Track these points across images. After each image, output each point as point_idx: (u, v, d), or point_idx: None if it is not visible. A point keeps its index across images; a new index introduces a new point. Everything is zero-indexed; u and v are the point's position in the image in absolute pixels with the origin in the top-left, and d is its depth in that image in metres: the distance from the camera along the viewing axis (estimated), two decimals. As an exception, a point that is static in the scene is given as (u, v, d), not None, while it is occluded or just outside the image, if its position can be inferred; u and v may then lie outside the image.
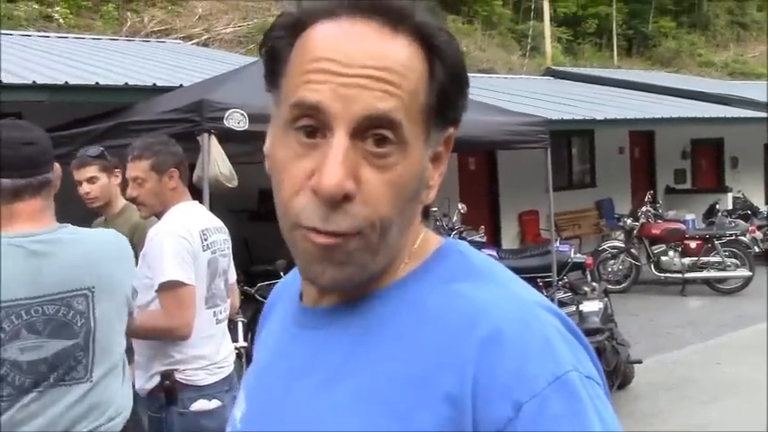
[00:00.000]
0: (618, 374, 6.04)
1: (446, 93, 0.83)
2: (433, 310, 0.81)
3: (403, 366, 0.79)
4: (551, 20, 20.90)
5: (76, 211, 3.83)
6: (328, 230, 0.78)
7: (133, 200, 3.02)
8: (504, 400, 0.74)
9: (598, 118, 11.27)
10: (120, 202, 3.87)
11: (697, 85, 16.74)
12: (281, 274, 6.16)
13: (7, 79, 6.47)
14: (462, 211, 9.41)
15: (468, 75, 0.86)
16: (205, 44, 15.95)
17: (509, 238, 12.28)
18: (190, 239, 2.85)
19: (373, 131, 0.78)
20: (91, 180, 3.79)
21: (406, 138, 0.79)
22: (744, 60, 26.23)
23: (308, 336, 0.88)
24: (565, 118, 10.49)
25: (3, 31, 11.16)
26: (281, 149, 0.82)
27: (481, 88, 11.36)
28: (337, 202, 0.77)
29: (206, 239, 2.94)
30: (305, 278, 0.85)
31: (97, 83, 6.76)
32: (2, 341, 1.96)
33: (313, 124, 0.79)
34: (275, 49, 0.84)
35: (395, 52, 0.79)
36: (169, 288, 2.79)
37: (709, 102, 14.60)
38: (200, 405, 2.82)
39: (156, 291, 2.81)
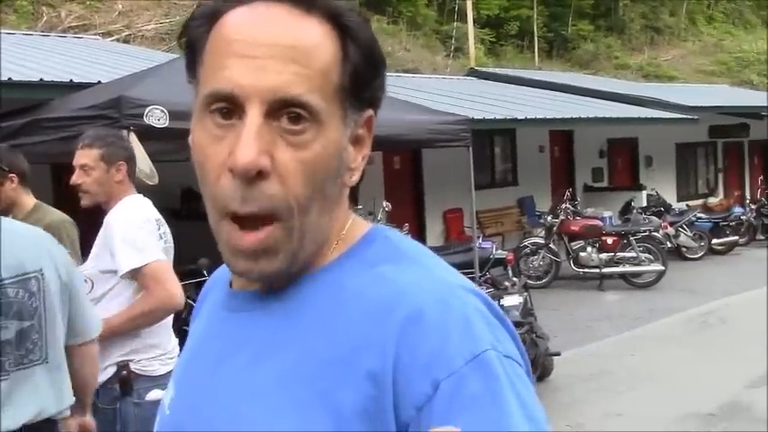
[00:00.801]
0: (537, 367, 6.21)
1: (360, 73, 0.84)
2: (356, 292, 0.82)
3: (326, 346, 0.80)
4: (474, 22, 21.22)
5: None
6: (246, 212, 0.79)
7: (77, 186, 3.02)
8: (424, 379, 0.76)
9: (519, 117, 11.54)
10: (29, 203, 3.78)
11: (613, 87, 17.29)
12: (205, 273, 6.09)
13: None
14: (387, 209, 9.49)
15: (382, 56, 0.87)
16: (126, 41, 15.57)
17: (434, 236, 12.44)
18: (150, 226, 2.93)
19: (287, 110, 0.79)
20: None
21: (321, 117, 0.80)
22: (657, 63, 27.19)
23: (235, 319, 0.89)
24: (487, 117, 10.69)
25: None
26: (198, 134, 0.83)
27: (406, 88, 11.47)
28: (252, 178, 0.78)
29: (159, 229, 3.00)
30: (234, 273, 0.87)
31: (10, 78, 6.52)
32: None
33: (228, 106, 0.80)
34: (192, 39, 0.85)
35: (305, 32, 0.81)
36: (149, 269, 2.82)
37: (624, 103, 15.11)
38: (156, 394, 2.82)
39: (130, 276, 2.84)
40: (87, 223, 3.36)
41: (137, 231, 2.86)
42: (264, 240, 0.81)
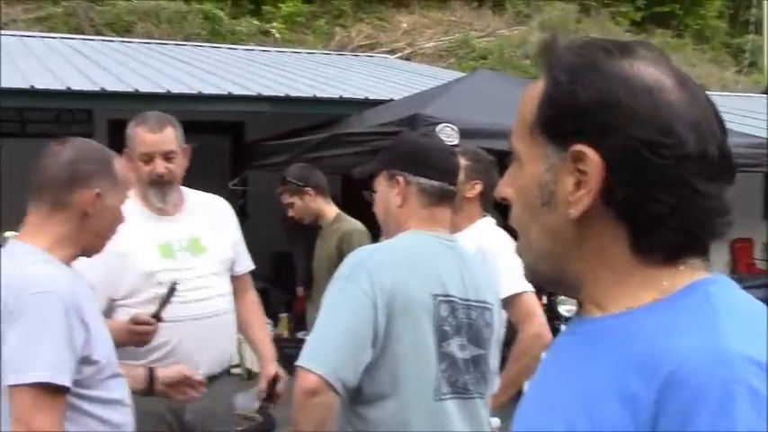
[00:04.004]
0: None
1: (552, 109, 0.88)
2: (639, 340, 0.81)
3: (608, 388, 0.80)
4: (773, 33, 19.36)
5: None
6: None
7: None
8: None
9: (828, 141, 10.28)
10: (331, 212, 4.09)
11: None
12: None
13: (236, 91, 7.01)
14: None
15: (575, 88, 0.86)
16: (407, 58, 16.35)
17: (718, 267, 11.48)
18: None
19: None
20: (289, 205, 4.10)
21: (519, 157, 0.93)
22: None
23: (567, 341, 0.96)
24: (789, 140, 9.65)
25: (228, 46, 12.17)
26: None
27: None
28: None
29: None
30: None
31: (315, 95, 7.13)
32: (448, 334, 1.94)
33: None
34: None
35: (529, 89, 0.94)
36: (527, 297, 2.71)
37: None
38: (495, 422, 2.66)
39: (502, 304, 2.70)
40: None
41: (515, 257, 2.73)
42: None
